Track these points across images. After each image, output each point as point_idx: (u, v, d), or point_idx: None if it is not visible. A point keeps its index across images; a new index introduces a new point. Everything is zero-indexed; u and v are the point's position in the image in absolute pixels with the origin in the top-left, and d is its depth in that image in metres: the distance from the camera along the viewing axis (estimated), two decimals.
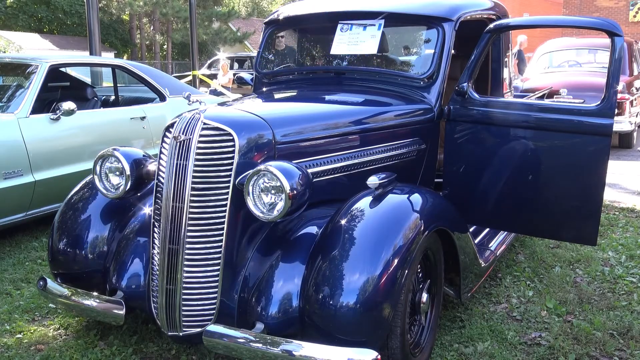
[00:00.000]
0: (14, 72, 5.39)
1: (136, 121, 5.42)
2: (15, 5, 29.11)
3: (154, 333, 2.95)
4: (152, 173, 2.76)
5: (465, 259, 2.81)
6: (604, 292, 3.52)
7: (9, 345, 2.89)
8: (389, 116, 3.22)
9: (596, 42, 9.79)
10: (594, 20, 3.34)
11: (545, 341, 2.91)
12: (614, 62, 2.91)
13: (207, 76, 15.42)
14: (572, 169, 3.03)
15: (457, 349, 2.83)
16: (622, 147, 9.04)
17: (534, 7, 25.97)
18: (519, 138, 3.17)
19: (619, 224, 4.93)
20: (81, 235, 2.83)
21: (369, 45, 3.47)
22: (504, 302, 3.37)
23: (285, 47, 4.26)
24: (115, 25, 31.38)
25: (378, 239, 2.29)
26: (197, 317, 2.39)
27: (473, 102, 3.20)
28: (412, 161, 3.33)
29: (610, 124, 2.90)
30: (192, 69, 12.42)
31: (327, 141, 2.82)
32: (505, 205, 3.25)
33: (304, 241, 2.45)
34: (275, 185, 2.30)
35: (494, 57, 3.97)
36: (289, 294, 2.31)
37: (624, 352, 2.84)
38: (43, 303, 3.32)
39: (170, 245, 2.38)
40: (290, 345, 2.17)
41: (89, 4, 7.80)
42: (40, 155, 4.41)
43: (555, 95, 4.13)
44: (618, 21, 9.96)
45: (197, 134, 2.36)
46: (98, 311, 2.63)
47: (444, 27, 3.38)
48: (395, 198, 2.49)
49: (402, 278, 2.26)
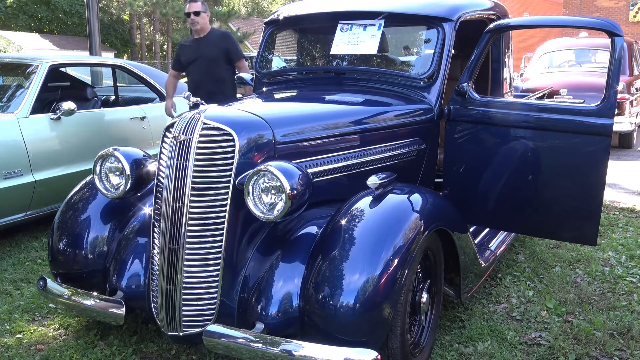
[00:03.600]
0: (14, 72, 5.39)
1: (136, 121, 5.42)
2: (15, 5, 29.10)
3: (154, 333, 2.95)
4: (152, 173, 2.77)
5: (465, 259, 2.81)
6: (604, 292, 3.52)
7: (9, 345, 2.89)
8: (389, 116, 3.22)
9: (596, 42, 9.79)
10: (594, 20, 3.34)
11: (545, 341, 2.91)
12: (614, 62, 2.91)
13: None
14: (572, 169, 3.03)
15: (457, 349, 2.83)
16: (622, 147, 9.04)
17: (534, 7, 25.97)
18: (519, 138, 3.17)
19: (619, 224, 4.93)
20: (81, 235, 2.83)
21: (369, 45, 3.47)
22: (504, 302, 3.37)
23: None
24: (115, 25, 31.39)
25: (378, 239, 2.29)
26: (197, 317, 2.39)
27: (473, 102, 3.20)
28: (412, 161, 3.33)
29: (610, 124, 2.90)
30: None
31: (327, 141, 2.82)
32: (505, 205, 3.25)
33: (304, 241, 2.45)
34: (275, 185, 2.30)
35: (494, 57, 3.97)
36: (289, 294, 2.31)
37: (624, 352, 2.84)
38: (43, 303, 3.32)
39: (170, 245, 2.38)
40: (290, 345, 2.17)
41: (89, 4, 7.80)
42: (40, 155, 4.41)
43: (555, 95, 4.13)
44: (618, 21, 9.98)
45: (197, 134, 2.36)
46: (98, 311, 2.63)
47: (444, 27, 3.38)
48: (395, 198, 2.49)
49: (402, 278, 2.26)
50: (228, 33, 5.21)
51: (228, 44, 5.00)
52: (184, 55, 5.15)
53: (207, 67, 4.96)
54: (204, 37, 5.02)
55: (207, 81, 4.95)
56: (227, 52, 4.97)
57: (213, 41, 4.99)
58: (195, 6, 4.93)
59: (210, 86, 4.89)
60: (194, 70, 5.07)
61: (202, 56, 4.97)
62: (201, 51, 4.98)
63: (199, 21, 4.95)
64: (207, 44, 4.98)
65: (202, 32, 5.02)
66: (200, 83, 4.98)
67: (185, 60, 5.13)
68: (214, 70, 4.95)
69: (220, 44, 4.97)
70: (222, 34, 5.15)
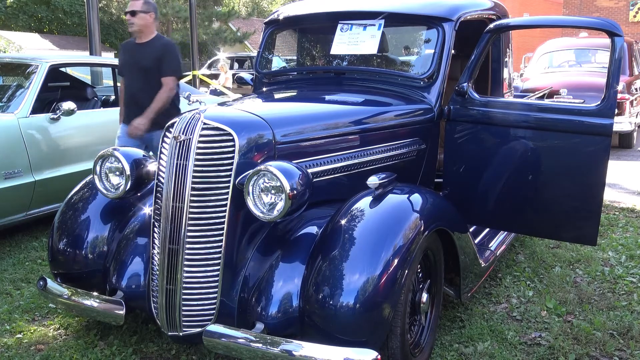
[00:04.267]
0: (14, 72, 5.39)
1: None
2: (15, 5, 29.09)
3: (154, 333, 2.95)
4: (152, 173, 2.77)
5: (465, 259, 2.81)
6: (604, 292, 3.52)
7: (9, 345, 2.89)
8: (389, 116, 3.22)
9: (596, 42, 9.79)
10: (594, 20, 3.34)
11: (545, 341, 2.91)
12: (614, 62, 2.91)
13: (207, 76, 15.43)
14: (572, 169, 3.03)
15: (457, 349, 2.83)
16: (622, 147, 9.04)
17: (534, 7, 25.96)
18: (519, 138, 3.17)
19: (619, 224, 4.93)
20: (81, 235, 2.83)
21: (369, 45, 3.47)
22: (504, 302, 3.37)
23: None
24: (115, 25, 31.36)
25: (378, 239, 2.29)
26: (197, 317, 2.39)
27: (473, 102, 3.20)
28: (412, 161, 3.33)
29: (610, 124, 2.90)
30: (192, 69, 12.41)
31: (327, 141, 2.82)
32: (505, 205, 3.25)
33: (304, 241, 2.45)
34: (275, 185, 2.30)
35: (494, 57, 3.97)
36: (289, 294, 2.31)
37: (624, 352, 2.84)
38: (43, 303, 3.32)
39: (170, 245, 2.38)
40: (290, 345, 2.17)
41: (89, 4, 7.79)
42: (40, 155, 4.41)
43: (555, 95, 4.14)
44: (618, 21, 9.98)
45: (197, 134, 2.36)
46: (98, 311, 2.63)
47: (444, 27, 3.38)
48: (395, 198, 2.49)
49: (402, 278, 2.26)
50: (170, 44, 4.37)
51: (164, 55, 4.23)
52: (122, 59, 4.50)
53: (142, 78, 4.27)
54: (144, 43, 4.32)
55: (142, 95, 4.25)
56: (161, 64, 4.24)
57: (151, 49, 4.26)
58: (134, 5, 4.23)
59: (146, 101, 4.20)
60: (128, 79, 4.41)
61: (137, 65, 4.28)
62: (137, 58, 4.29)
63: (135, 22, 4.23)
64: (144, 52, 4.28)
65: (143, 37, 4.31)
66: (134, 96, 4.32)
67: (121, 65, 4.50)
68: (149, 82, 4.22)
69: (157, 53, 4.23)
70: (164, 44, 4.33)
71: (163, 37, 4.48)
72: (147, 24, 4.27)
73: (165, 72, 4.22)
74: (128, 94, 4.38)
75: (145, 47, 4.29)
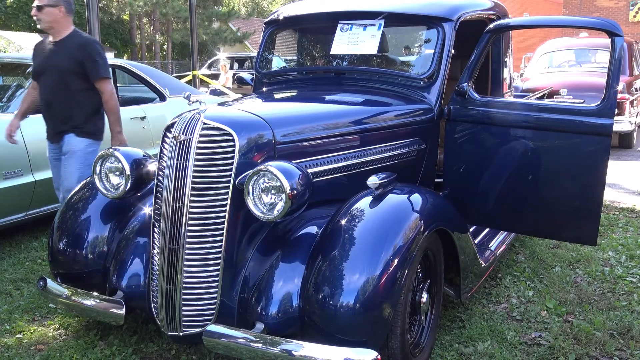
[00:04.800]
0: (14, 72, 5.39)
1: (136, 121, 5.42)
2: (15, 5, 29.08)
3: (154, 333, 2.95)
4: (152, 173, 2.77)
5: (465, 259, 2.81)
6: (604, 292, 3.52)
7: (9, 345, 2.89)
8: (389, 116, 3.22)
9: (596, 42, 9.79)
10: (594, 20, 3.34)
11: (545, 341, 2.91)
12: (614, 62, 2.91)
13: (208, 76, 15.43)
14: (572, 169, 3.03)
15: (457, 349, 2.83)
16: (622, 147, 9.04)
17: (534, 7, 25.97)
18: (519, 138, 3.17)
19: (619, 224, 4.94)
20: (81, 235, 2.83)
21: (369, 45, 3.47)
22: (504, 302, 3.37)
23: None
24: (115, 25, 31.36)
25: (378, 239, 2.29)
26: (197, 317, 2.39)
27: (473, 102, 3.20)
28: (412, 161, 3.33)
29: (610, 124, 2.90)
30: (192, 69, 12.41)
31: (327, 141, 2.82)
32: (505, 205, 3.25)
33: (304, 241, 2.45)
34: (275, 185, 2.30)
35: (494, 57, 3.97)
36: (289, 294, 2.31)
37: (624, 352, 2.84)
38: (43, 303, 3.32)
39: (170, 245, 2.38)
40: (290, 345, 2.17)
41: (89, 4, 7.79)
42: (40, 155, 4.40)
43: (555, 95, 4.13)
44: (618, 21, 9.97)
45: (197, 134, 2.36)
46: (98, 311, 2.63)
47: (444, 27, 3.38)
48: (395, 198, 2.49)
49: (402, 278, 2.26)
50: (90, 41, 3.80)
51: (84, 55, 3.65)
52: (35, 61, 3.87)
53: (60, 82, 3.69)
54: (59, 42, 3.73)
55: (59, 102, 3.73)
56: (82, 67, 3.66)
57: (68, 48, 3.69)
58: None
59: (64, 109, 3.72)
60: (43, 84, 3.79)
61: (52, 66, 3.71)
62: (52, 59, 3.72)
63: (42, 18, 3.66)
64: (59, 51, 3.71)
65: (56, 34, 3.73)
66: (51, 103, 3.76)
67: (35, 68, 3.86)
68: (68, 87, 3.69)
69: (76, 53, 3.66)
70: (82, 42, 3.73)
71: (82, 33, 3.87)
72: (57, 19, 3.70)
73: (94, 75, 3.68)
74: (44, 102, 3.80)
75: (60, 46, 3.73)
